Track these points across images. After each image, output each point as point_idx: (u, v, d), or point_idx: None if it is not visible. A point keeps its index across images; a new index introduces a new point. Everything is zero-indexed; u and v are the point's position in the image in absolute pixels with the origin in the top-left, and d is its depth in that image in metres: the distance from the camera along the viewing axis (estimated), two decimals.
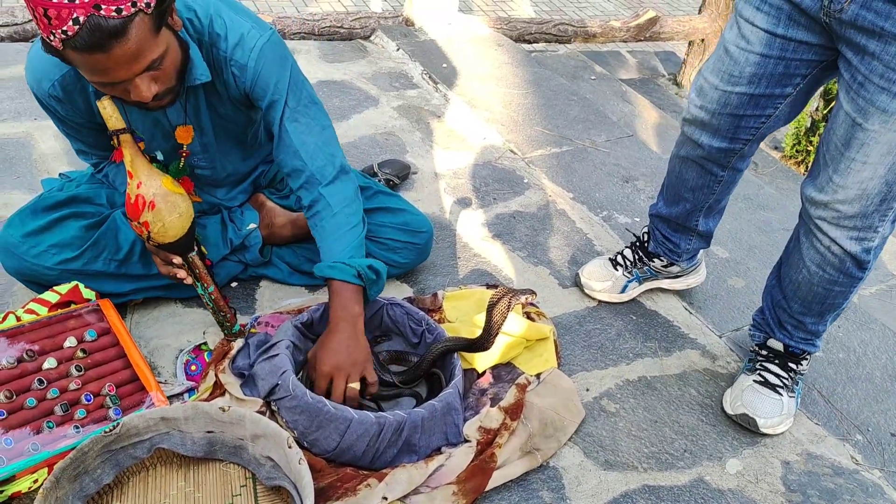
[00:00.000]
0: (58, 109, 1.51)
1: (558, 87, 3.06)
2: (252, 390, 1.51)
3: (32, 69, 1.46)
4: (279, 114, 1.54)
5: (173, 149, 1.62)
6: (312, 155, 1.57)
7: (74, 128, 1.58)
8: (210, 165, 1.71)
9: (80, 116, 1.52)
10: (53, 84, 1.44)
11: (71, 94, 1.46)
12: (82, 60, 1.20)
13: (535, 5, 6.37)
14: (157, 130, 1.57)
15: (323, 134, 1.60)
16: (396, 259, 1.88)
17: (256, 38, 1.48)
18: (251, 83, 1.50)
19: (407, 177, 2.36)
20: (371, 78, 2.97)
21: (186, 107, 1.53)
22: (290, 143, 1.56)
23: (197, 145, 1.63)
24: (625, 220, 2.34)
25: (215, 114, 1.59)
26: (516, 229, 2.24)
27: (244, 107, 1.60)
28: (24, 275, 1.58)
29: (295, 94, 1.55)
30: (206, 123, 1.59)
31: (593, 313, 1.96)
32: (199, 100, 1.54)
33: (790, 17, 1.42)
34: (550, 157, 2.60)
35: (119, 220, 1.66)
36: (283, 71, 1.52)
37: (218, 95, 1.56)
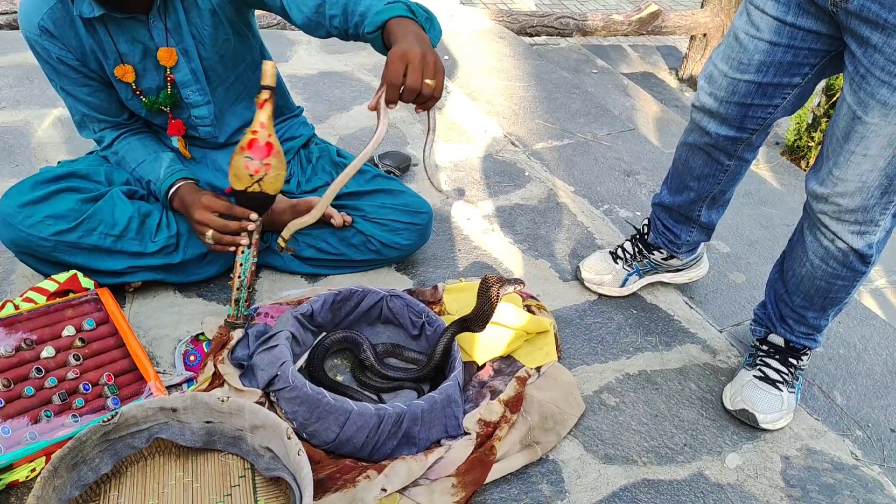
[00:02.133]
0: (52, 52, 1.53)
1: (560, 80, 3.05)
2: (251, 381, 1.50)
3: (23, 9, 1.50)
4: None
5: (165, 81, 1.63)
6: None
7: (72, 79, 1.58)
8: (205, 101, 1.69)
9: (73, 58, 1.55)
10: (43, 17, 1.49)
11: (62, 28, 1.51)
12: None
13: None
14: (147, 59, 1.59)
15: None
16: (398, 241, 1.87)
17: None
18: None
19: (408, 168, 2.35)
20: (372, 69, 2.95)
21: (166, 22, 1.54)
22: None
23: (185, 71, 1.63)
24: (626, 214, 2.33)
25: (196, 32, 1.59)
26: (517, 222, 2.23)
27: (226, 19, 1.59)
28: (19, 245, 1.57)
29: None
30: (188, 44, 1.59)
31: (594, 307, 1.95)
32: (178, 16, 1.55)
33: (799, 6, 1.41)
34: (552, 151, 2.59)
35: (116, 197, 1.65)
36: None
37: (197, 8, 1.56)
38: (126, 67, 1.58)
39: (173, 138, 1.75)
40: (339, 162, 1.94)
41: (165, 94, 1.64)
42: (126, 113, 1.68)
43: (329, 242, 1.86)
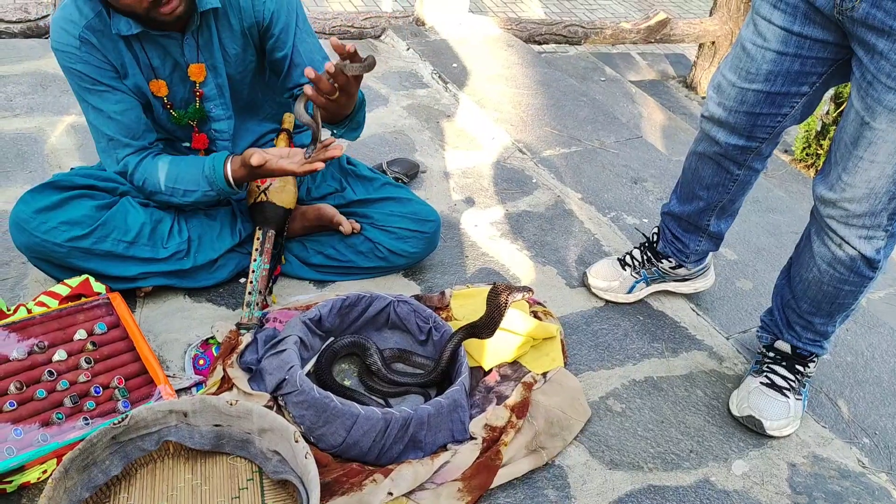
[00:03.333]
0: (90, 64, 1.54)
1: (568, 88, 3.06)
2: (259, 385, 1.52)
3: (58, 24, 1.52)
4: (292, 35, 1.66)
5: (191, 94, 1.67)
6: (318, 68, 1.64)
7: (106, 94, 1.59)
8: (227, 115, 1.73)
9: (111, 71, 1.57)
10: (83, 29, 1.52)
11: (102, 40, 1.53)
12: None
13: (544, 6, 6.37)
14: (177, 75, 1.63)
15: (320, 47, 1.75)
16: (406, 248, 1.89)
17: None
18: (274, 4, 1.61)
19: (416, 175, 2.36)
20: (381, 77, 2.98)
21: (199, 39, 1.58)
22: (302, 61, 1.68)
23: (212, 86, 1.67)
24: (633, 221, 2.34)
25: (225, 52, 1.64)
26: (524, 229, 2.24)
27: (253, 43, 1.66)
28: (34, 251, 1.60)
29: (302, 13, 1.68)
30: (218, 62, 1.64)
31: (600, 313, 1.96)
32: (210, 34, 1.60)
33: (806, 16, 1.42)
34: (559, 158, 2.60)
35: (129, 203, 1.68)
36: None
37: (230, 30, 1.61)
38: (160, 82, 1.62)
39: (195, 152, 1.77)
40: (347, 169, 1.96)
41: (194, 107, 1.68)
42: (151, 136, 1.70)
43: (337, 249, 1.88)
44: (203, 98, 1.68)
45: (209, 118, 1.72)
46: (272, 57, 1.70)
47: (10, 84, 2.50)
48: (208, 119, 1.72)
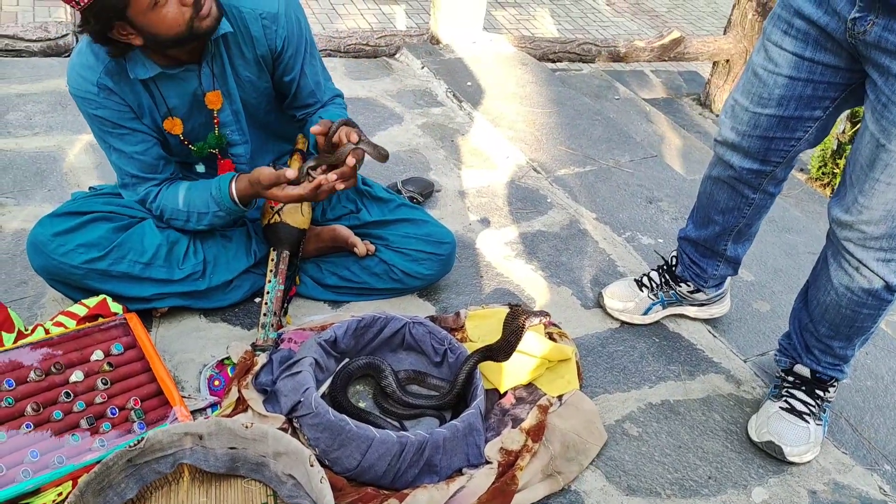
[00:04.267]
0: (110, 109, 1.56)
1: (582, 106, 3.06)
2: (274, 406, 1.52)
3: (76, 71, 1.54)
4: (301, 60, 1.70)
5: (208, 122, 1.68)
6: (324, 90, 1.79)
7: (126, 136, 1.61)
8: (243, 140, 1.74)
9: (130, 114, 1.59)
10: (100, 75, 1.53)
11: (119, 84, 1.55)
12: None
13: (557, 24, 6.39)
14: (195, 105, 1.64)
15: (325, 72, 1.81)
16: (421, 270, 1.89)
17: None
18: (285, 31, 1.63)
19: (430, 194, 2.36)
20: (396, 95, 2.99)
21: (213, 68, 1.60)
22: (308, 84, 1.74)
23: (228, 113, 1.68)
24: (648, 242, 2.33)
25: (239, 78, 1.66)
26: (539, 249, 2.23)
27: (266, 67, 1.68)
28: (51, 273, 1.61)
29: (310, 36, 1.71)
30: (232, 88, 1.66)
31: (616, 335, 1.95)
32: (223, 62, 1.62)
33: (817, 42, 1.42)
34: (574, 177, 2.59)
35: (147, 226, 1.70)
36: (303, 16, 1.68)
37: (242, 57, 1.63)
38: (175, 121, 1.63)
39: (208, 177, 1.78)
40: (363, 190, 1.97)
41: (213, 136, 1.69)
42: (170, 167, 1.72)
43: (352, 271, 1.88)
44: (220, 125, 1.69)
45: (227, 144, 1.73)
46: (280, 80, 1.72)
47: (30, 103, 2.53)
48: (227, 145, 1.73)
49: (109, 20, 1.38)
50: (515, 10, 6.46)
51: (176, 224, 1.72)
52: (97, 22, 1.37)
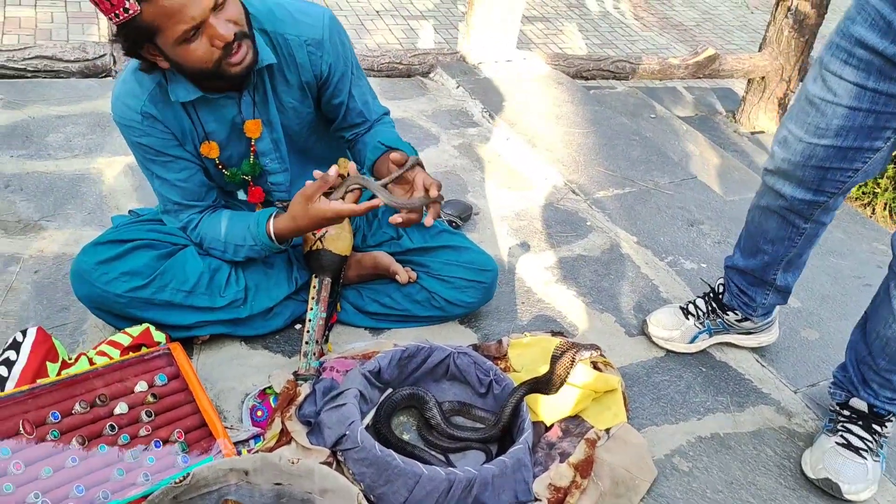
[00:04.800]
0: (154, 136, 1.55)
1: (619, 126, 3.02)
2: (318, 439, 1.49)
3: (120, 100, 1.53)
4: (348, 82, 1.67)
5: (246, 149, 1.66)
6: (372, 109, 1.76)
7: (169, 163, 1.60)
8: (283, 168, 1.72)
9: (174, 141, 1.58)
10: (144, 102, 1.51)
11: (163, 111, 1.53)
12: (159, 10, 1.28)
13: (585, 38, 6.37)
14: (233, 133, 1.62)
15: (371, 91, 1.78)
16: (463, 298, 1.86)
17: (322, 14, 1.59)
18: (331, 56, 1.60)
19: (469, 217, 2.34)
20: (431, 116, 2.97)
21: (255, 97, 1.58)
22: (356, 105, 1.71)
23: (267, 141, 1.66)
24: (691, 266, 2.28)
25: (281, 105, 1.64)
26: (580, 274, 2.20)
27: (310, 93, 1.66)
28: (95, 301, 1.60)
29: (354, 58, 1.69)
30: (273, 116, 1.63)
31: (661, 364, 1.90)
32: (266, 90, 1.59)
33: (881, 71, 1.37)
34: (613, 199, 2.55)
35: (189, 253, 1.68)
36: (347, 40, 1.65)
37: (286, 84, 1.61)
38: (211, 144, 1.61)
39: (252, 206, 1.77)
40: None
41: (248, 163, 1.67)
42: (213, 195, 1.71)
43: (393, 298, 1.85)
44: (258, 154, 1.68)
45: (265, 172, 1.71)
46: (329, 104, 1.70)
47: (70, 124, 2.55)
48: (264, 173, 1.72)
49: (139, 41, 1.38)
50: (543, 24, 6.45)
51: (214, 253, 1.71)
52: (127, 39, 1.37)
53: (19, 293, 1.83)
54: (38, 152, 2.37)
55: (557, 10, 6.78)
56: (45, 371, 1.44)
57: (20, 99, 2.64)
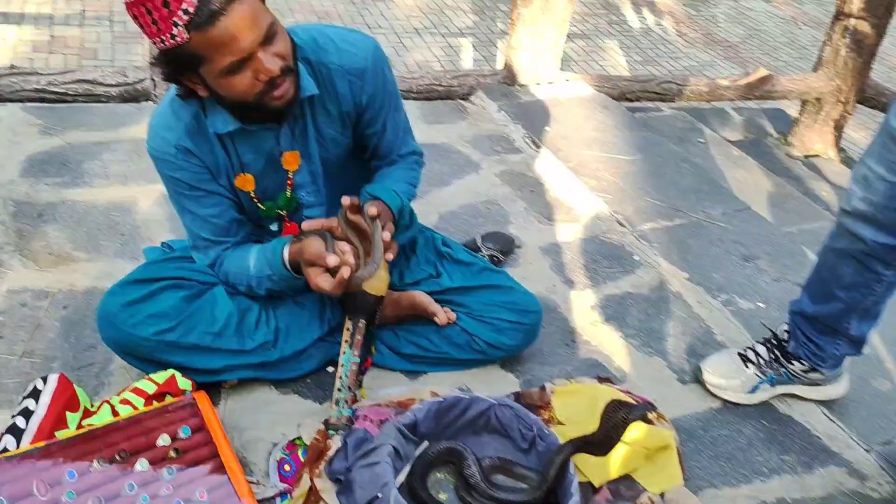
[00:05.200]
0: (188, 171, 1.49)
1: (667, 153, 2.89)
2: (349, 498, 1.39)
3: (156, 132, 1.48)
4: (385, 115, 1.60)
5: (282, 182, 1.59)
6: (399, 146, 1.69)
7: (202, 198, 1.54)
8: (319, 202, 1.65)
9: (208, 175, 1.52)
10: (181, 136, 1.46)
11: (199, 144, 1.48)
12: (208, 40, 1.23)
13: (626, 55, 6.23)
14: (270, 165, 1.55)
15: (407, 126, 1.72)
16: (505, 341, 1.75)
17: (366, 43, 1.53)
18: (372, 87, 1.53)
19: (511, 251, 2.23)
20: (471, 141, 2.88)
21: (294, 129, 1.52)
22: (387, 139, 1.65)
23: (305, 174, 1.59)
24: (748, 306, 2.14)
25: (321, 137, 1.57)
26: (628, 313, 2.07)
27: (351, 124, 1.59)
28: (120, 345, 1.54)
29: (395, 88, 1.62)
30: (312, 148, 1.56)
31: (718, 416, 1.77)
32: (305, 121, 1.53)
33: None
34: (662, 232, 2.42)
35: (218, 293, 1.61)
36: (389, 69, 1.59)
37: (326, 114, 1.54)
38: (246, 177, 1.55)
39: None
40: (443, 252, 1.84)
41: (284, 197, 1.60)
42: (244, 230, 1.64)
43: (431, 340, 1.76)
44: (294, 186, 1.60)
45: (301, 206, 1.64)
46: (362, 133, 1.63)
47: (107, 151, 2.51)
48: (300, 207, 1.64)
49: (182, 69, 1.32)
50: (584, 41, 6.34)
51: (240, 288, 1.63)
52: (169, 66, 1.32)
53: (47, 331, 1.77)
54: (73, 180, 2.34)
55: (598, 28, 6.66)
56: (64, 422, 1.37)
57: (58, 125, 2.62)
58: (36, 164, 2.39)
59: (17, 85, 2.84)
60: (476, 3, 6.58)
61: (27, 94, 2.87)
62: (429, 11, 6.30)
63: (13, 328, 1.76)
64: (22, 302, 1.84)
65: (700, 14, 7.38)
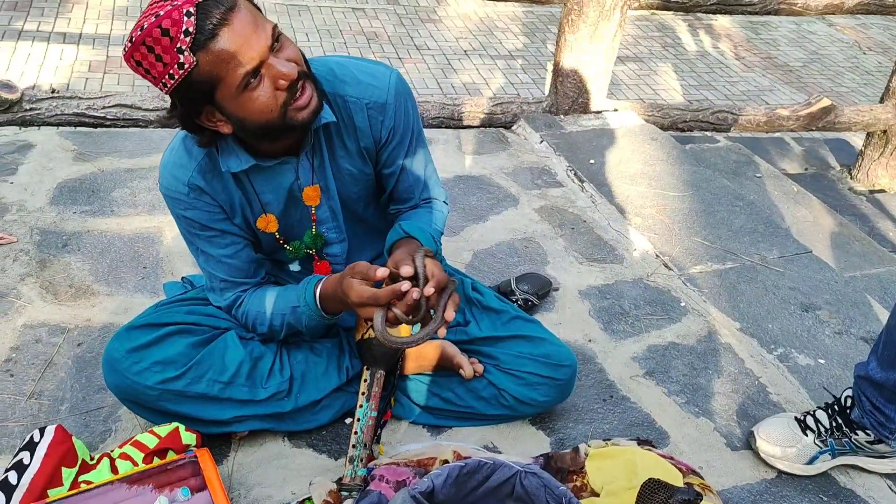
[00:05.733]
0: (199, 210, 1.42)
1: (720, 189, 2.72)
2: None
3: (168, 170, 1.41)
4: (404, 152, 1.50)
5: (304, 219, 1.51)
6: (421, 189, 1.58)
7: (215, 239, 1.46)
8: (340, 238, 1.56)
9: (221, 215, 1.44)
10: (192, 174, 1.39)
11: (211, 183, 1.40)
12: (215, 57, 1.17)
13: (681, 79, 6.05)
14: (290, 201, 1.47)
15: (431, 166, 1.61)
16: (535, 397, 1.63)
17: (388, 75, 1.45)
18: (392, 121, 1.44)
19: (547, 294, 2.10)
20: (511, 173, 2.76)
21: (313, 161, 1.43)
22: (406, 179, 1.55)
23: (325, 209, 1.50)
24: (807, 362, 1.96)
25: (338, 171, 1.48)
26: (672, 366, 1.92)
27: (369, 160, 1.50)
28: (124, 392, 1.46)
29: (418, 126, 1.53)
30: (330, 182, 1.48)
31: (772, 488, 1.60)
32: (323, 154, 1.44)
33: None
34: (712, 276, 2.26)
35: (230, 339, 1.52)
36: (414, 105, 1.50)
37: (344, 149, 1.46)
38: (269, 217, 1.47)
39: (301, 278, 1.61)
40: (473, 298, 1.72)
41: (310, 234, 1.51)
42: (261, 272, 1.56)
43: (456, 393, 1.64)
44: (318, 222, 1.51)
45: (325, 243, 1.54)
46: (380, 172, 1.53)
47: (137, 178, 2.47)
48: (325, 244, 1.55)
49: (198, 104, 1.24)
50: (636, 64, 6.19)
51: (260, 329, 1.54)
52: (184, 105, 1.25)
53: (58, 369, 1.71)
54: (101, 208, 2.30)
55: (651, 50, 6.49)
56: (59, 478, 1.29)
57: (93, 151, 2.60)
58: (66, 191, 2.36)
59: (57, 109, 2.84)
60: (527, 25, 6.49)
61: (66, 118, 2.86)
62: (478, 33, 6.24)
63: (25, 366, 1.71)
64: (37, 337, 1.79)
65: (760, 37, 7.15)
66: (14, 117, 2.80)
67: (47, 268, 2.02)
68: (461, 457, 1.53)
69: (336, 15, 6.21)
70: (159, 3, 1.14)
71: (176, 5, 1.12)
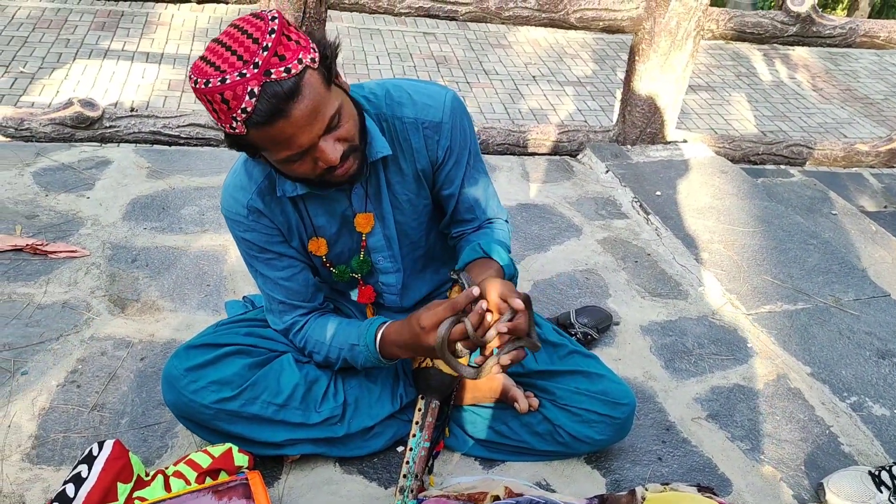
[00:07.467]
0: (258, 232, 1.44)
1: (792, 226, 2.62)
2: None
3: (228, 192, 1.43)
4: (462, 172, 1.50)
5: (356, 245, 1.51)
6: (486, 207, 1.56)
7: (273, 261, 1.48)
8: (395, 268, 1.55)
9: (279, 237, 1.46)
10: (252, 196, 1.40)
11: (270, 206, 1.42)
12: (266, 135, 1.17)
13: (754, 109, 5.91)
14: (344, 228, 1.48)
15: (491, 187, 1.59)
16: (590, 434, 1.58)
17: (443, 95, 1.43)
18: (448, 140, 1.43)
19: (607, 328, 2.05)
20: (575, 203, 2.72)
21: (367, 189, 1.44)
22: (467, 199, 1.53)
23: (379, 237, 1.50)
24: (882, 412, 1.85)
25: (395, 199, 1.48)
26: (736, 410, 1.84)
27: (426, 182, 1.49)
28: (181, 410, 1.49)
29: (474, 146, 1.51)
30: (386, 210, 1.47)
31: None
32: (379, 182, 1.44)
33: None
34: (781, 317, 2.17)
35: (286, 362, 1.53)
36: (470, 124, 1.49)
37: (400, 174, 1.45)
38: (319, 241, 1.48)
39: (362, 306, 1.62)
40: None
41: (358, 260, 1.52)
42: (320, 296, 1.57)
43: (510, 427, 1.61)
44: (368, 250, 1.51)
45: (375, 270, 1.54)
46: (439, 193, 1.52)
47: (206, 197, 2.54)
48: (374, 271, 1.55)
49: (246, 150, 1.28)
50: (708, 93, 6.07)
51: (316, 358, 1.55)
52: (232, 146, 1.27)
53: (121, 383, 1.75)
54: (170, 225, 2.36)
55: (725, 79, 6.37)
56: (114, 493, 1.32)
57: (165, 168, 2.69)
58: (138, 207, 2.44)
59: (135, 126, 2.96)
60: (596, 52, 6.46)
61: (143, 135, 2.98)
62: (547, 59, 6.23)
63: (90, 378, 1.76)
64: (102, 350, 1.84)
65: (839, 68, 6.93)
66: (94, 134, 2.93)
67: (116, 282, 2.08)
68: (512, 493, 1.50)
69: (407, 39, 6.31)
70: (228, 59, 1.12)
71: (244, 77, 1.11)
